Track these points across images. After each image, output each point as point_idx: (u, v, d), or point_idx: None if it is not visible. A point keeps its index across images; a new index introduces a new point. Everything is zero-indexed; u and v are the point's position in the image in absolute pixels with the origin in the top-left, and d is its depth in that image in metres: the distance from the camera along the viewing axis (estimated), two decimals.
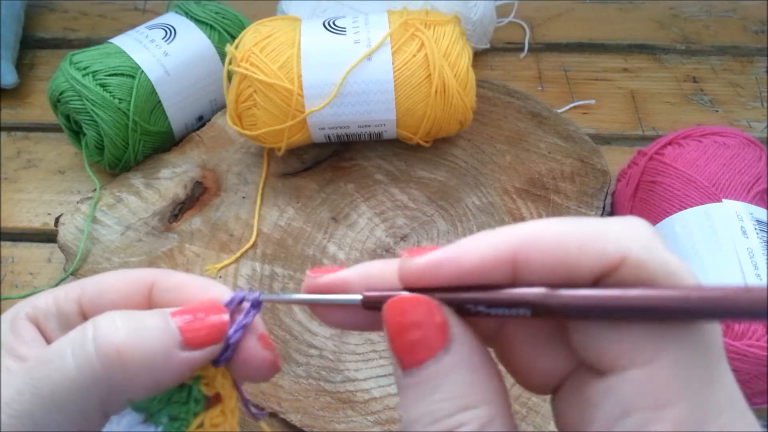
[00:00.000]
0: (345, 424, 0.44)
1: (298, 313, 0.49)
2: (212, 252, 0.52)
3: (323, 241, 0.53)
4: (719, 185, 0.47)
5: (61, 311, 0.24)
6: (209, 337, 0.23)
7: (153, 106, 0.56)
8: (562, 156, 0.56)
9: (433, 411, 0.19)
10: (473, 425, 0.18)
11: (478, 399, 0.19)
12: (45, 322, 0.24)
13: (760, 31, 0.72)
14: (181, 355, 0.22)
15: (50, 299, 0.25)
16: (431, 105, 0.51)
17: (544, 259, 0.19)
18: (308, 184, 0.56)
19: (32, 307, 0.24)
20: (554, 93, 0.67)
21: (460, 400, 0.19)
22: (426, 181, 0.56)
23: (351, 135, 0.55)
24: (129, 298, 0.25)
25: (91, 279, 0.25)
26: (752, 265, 0.43)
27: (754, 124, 0.64)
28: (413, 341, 0.20)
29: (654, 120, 0.65)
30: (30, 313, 0.24)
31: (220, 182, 0.56)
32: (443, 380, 0.19)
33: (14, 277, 0.55)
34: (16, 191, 0.60)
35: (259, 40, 0.51)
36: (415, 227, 0.53)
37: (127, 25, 0.65)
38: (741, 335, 0.41)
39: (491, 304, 0.20)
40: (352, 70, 0.50)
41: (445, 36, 0.51)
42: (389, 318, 0.20)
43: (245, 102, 0.52)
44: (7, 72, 0.66)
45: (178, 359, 0.22)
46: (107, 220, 0.54)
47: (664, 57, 0.70)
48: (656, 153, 0.51)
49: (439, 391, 0.19)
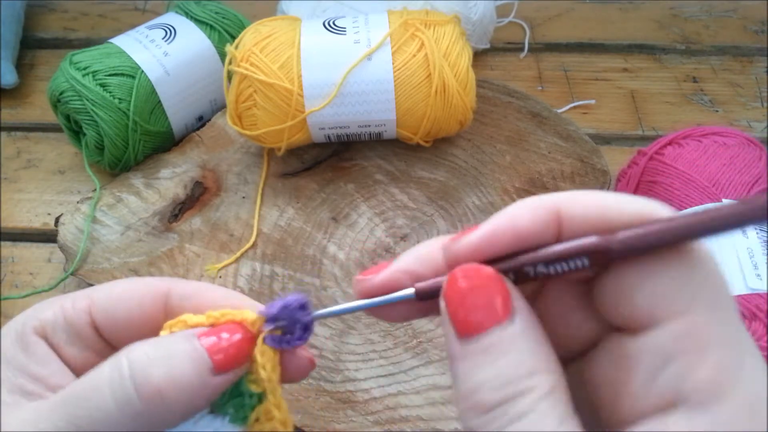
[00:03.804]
0: (345, 424, 0.44)
1: None
2: (212, 252, 0.52)
3: (323, 241, 0.53)
4: (719, 185, 0.47)
5: (71, 323, 0.24)
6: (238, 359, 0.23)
7: (153, 106, 0.56)
8: (562, 156, 0.56)
9: (501, 375, 0.19)
10: (541, 389, 0.19)
11: (543, 366, 0.19)
12: (53, 335, 0.23)
13: (760, 31, 0.72)
14: (215, 380, 0.22)
15: (57, 310, 0.24)
16: (431, 105, 0.51)
17: (587, 213, 0.20)
18: (308, 184, 0.56)
19: (38, 319, 0.24)
20: (554, 93, 0.67)
21: (529, 365, 0.19)
22: (426, 181, 0.56)
23: (351, 135, 0.55)
24: (144, 310, 0.24)
25: (100, 289, 0.25)
26: (752, 265, 0.43)
27: (754, 124, 0.64)
28: (479, 307, 0.20)
29: (654, 120, 0.65)
30: (37, 326, 0.23)
31: (220, 182, 0.56)
32: (512, 345, 0.19)
33: (14, 277, 0.55)
34: (16, 191, 0.60)
35: (259, 40, 0.51)
36: (415, 227, 0.53)
37: (127, 25, 0.65)
38: None
39: (551, 259, 0.20)
40: (352, 70, 0.50)
41: (445, 36, 0.51)
42: (452, 287, 0.21)
43: (245, 102, 0.52)
44: (7, 72, 0.66)
45: (212, 385, 0.22)
46: (107, 220, 0.54)
47: (664, 57, 0.70)
48: (656, 153, 0.51)
49: (508, 356, 0.19)
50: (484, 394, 0.19)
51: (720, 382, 0.18)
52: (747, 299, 0.41)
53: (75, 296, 0.24)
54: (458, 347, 0.20)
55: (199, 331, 0.23)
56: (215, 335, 0.23)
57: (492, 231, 0.21)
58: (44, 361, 0.23)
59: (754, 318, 0.41)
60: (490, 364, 0.19)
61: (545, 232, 0.20)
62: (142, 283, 0.25)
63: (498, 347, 0.19)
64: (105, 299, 0.24)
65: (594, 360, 0.22)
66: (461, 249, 0.21)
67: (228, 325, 0.23)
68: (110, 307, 0.24)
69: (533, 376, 0.19)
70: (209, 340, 0.23)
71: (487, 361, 0.19)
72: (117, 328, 0.24)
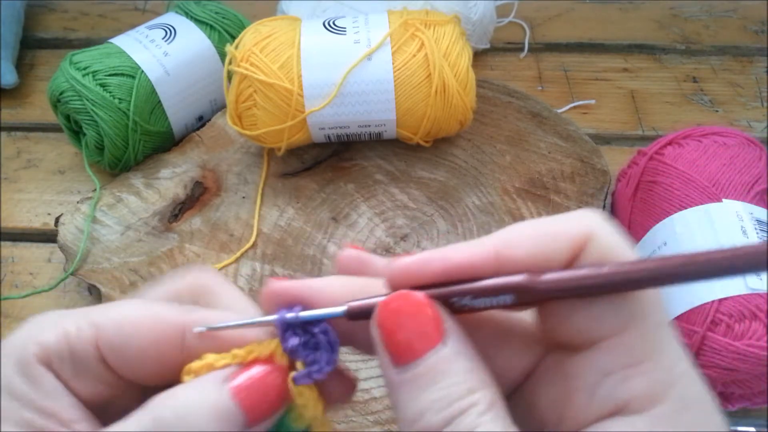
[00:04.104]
0: (345, 424, 0.44)
1: None
2: (212, 252, 0.52)
3: (323, 241, 0.53)
4: (719, 185, 0.47)
5: (75, 354, 0.21)
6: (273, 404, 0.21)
7: (153, 106, 0.56)
8: (562, 156, 0.56)
9: (442, 397, 0.19)
10: (483, 405, 0.19)
11: (481, 383, 0.20)
12: (59, 366, 0.21)
13: (760, 31, 0.72)
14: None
15: (61, 338, 0.21)
16: (431, 105, 0.51)
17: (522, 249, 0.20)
18: (308, 184, 0.56)
19: (40, 346, 0.21)
20: (554, 93, 0.67)
21: (467, 383, 0.20)
22: (426, 181, 0.56)
23: (351, 135, 0.55)
24: (160, 348, 0.22)
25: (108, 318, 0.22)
26: None
27: (754, 124, 0.64)
28: (411, 334, 0.20)
29: (654, 120, 0.65)
30: (39, 354, 0.21)
31: (220, 182, 0.56)
32: (448, 368, 0.20)
33: (14, 277, 0.55)
34: (16, 191, 0.60)
35: (259, 40, 0.51)
36: (415, 227, 0.53)
37: (127, 25, 0.65)
38: (741, 335, 0.41)
39: (478, 293, 0.20)
40: (352, 70, 0.50)
41: (445, 36, 0.51)
42: (383, 315, 0.21)
43: (245, 102, 0.52)
44: (7, 72, 0.66)
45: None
46: (107, 220, 0.54)
47: (664, 57, 0.70)
48: (656, 153, 0.51)
49: (446, 378, 0.20)
50: (429, 418, 0.19)
51: (656, 388, 0.19)
52: (747, 299, 0.41)
53: (78, 320, 0.22)
54: (396, 375, 0.20)
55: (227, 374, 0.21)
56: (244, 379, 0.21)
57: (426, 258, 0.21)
58: (53, 395, 0.21)
59: (754, 318, 0.41)
60: (430, 388, 0.20)
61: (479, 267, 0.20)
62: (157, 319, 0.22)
63: (436, 370, 0.20)
64: (114, 334, 0.21)
65: (535, 383, 0.23)
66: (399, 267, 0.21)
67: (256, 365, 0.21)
68: (120, 344, 0.21)
69: (473, 393, 0.19)
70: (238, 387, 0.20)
71: (427, 385, 0.20)
72: (129, 366, 0.22)
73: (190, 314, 0.22)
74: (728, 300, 0.42)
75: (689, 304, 0.43)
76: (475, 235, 0.53)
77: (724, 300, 0.42)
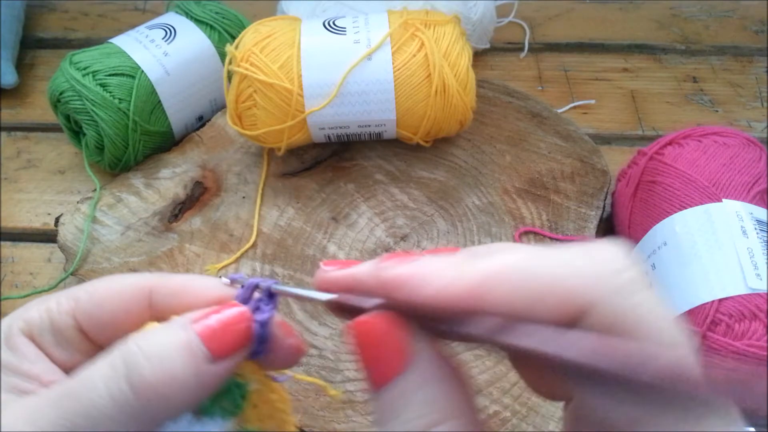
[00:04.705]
0: (345, 424, 0.44)
1: (298, 313, 0.49)
2: (212, 252, 0.52)
3: (323, 241, 0.53)
4: (719, 185, 0.47)
5: (56, 326, 0.23)
6: (236, 343, 0.22)
7: (153, 106, 0.56)
8: (562, 156, 0.56)
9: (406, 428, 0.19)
10: None
11: (447, 414, 0.19)
12: (40, 337, 0.23)
13: (760, 31, 0.72)
14: (212, 368, 0.21)
15: (43, 312, 0.24)
16: (431, 105, 0.51)
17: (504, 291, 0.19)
18: (308, 184, 0.56)
19: (24, 321, 0.23)
20: (554, 93, 0.67)
21: (429, 417, 0.19)
22: (426, 181, 0.56)
23: (351, 135, 0.55)
24: (129, 310, 0.23)
25: (83, 289, 0.24)
26: (752, 265, 0.43)
27: (754, 124, 0.64)
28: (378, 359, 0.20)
29: (654, 120, 0.65)
30: (23, 327, 0.23)
31: (220, 182, 0.56)
32: (411, 398, 0.19)
33: (14, 277, 0.55)
34: (16, 191, 0.60)
35: (259, 40, 0.51)
36: (415, 227, 0.53)
37: (127, 25, 0.65)
38: (741, 335, 0.41)
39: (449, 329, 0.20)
40: (352, 70, 0.50)
41: (445, 36, 0.51)
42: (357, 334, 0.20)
43: (245, 102, 0.52)
44: (7, 72, 0.66)
45: (210, 374, 0.21)
46: (107, 220, 0.54)
47: (664, 57, 0.70)
48: (656, 153, 0.51)
49: (408, 410, 0.19)
50: None
51: None
52: (747, 299, 0.41)
53: (60, 297, 0.24)
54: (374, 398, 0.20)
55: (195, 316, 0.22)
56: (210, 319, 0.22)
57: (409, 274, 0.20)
58: (35, 361, 0.23)
59: (754, 318, 0.41)
60: (395, 419, 0.19)
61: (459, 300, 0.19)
62: (124, 282, 0.24)
63: (400, 400, 0.19)
64: (88, 301, 0.23)
65: None
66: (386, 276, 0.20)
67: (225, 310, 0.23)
68: (93, 309, 0.23)
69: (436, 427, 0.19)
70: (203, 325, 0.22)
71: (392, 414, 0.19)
72: (102, 331, 0.24)
73: (154, 277, 0.24)
74: (728, 300, 0.42)
75: (689, 304, 0.43)
76: (474, 235, 0.53)
77: (724, 300, 0.42)
